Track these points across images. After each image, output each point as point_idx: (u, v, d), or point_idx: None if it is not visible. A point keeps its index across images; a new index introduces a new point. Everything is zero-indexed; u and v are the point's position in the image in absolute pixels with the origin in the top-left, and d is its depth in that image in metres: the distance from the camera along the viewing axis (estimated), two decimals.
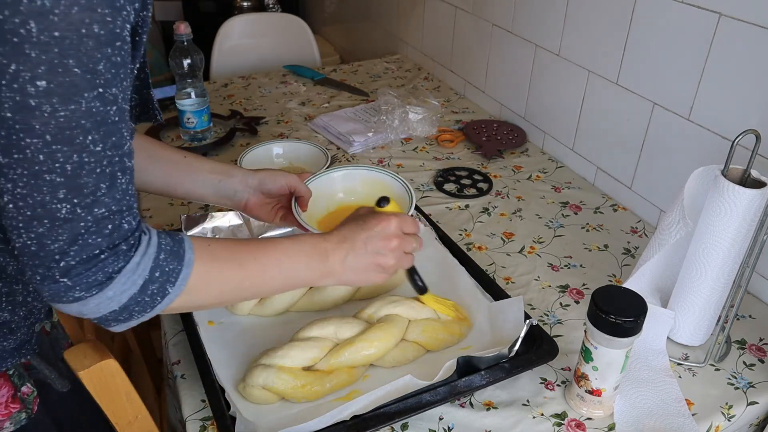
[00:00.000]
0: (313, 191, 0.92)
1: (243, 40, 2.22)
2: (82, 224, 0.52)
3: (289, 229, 1.08)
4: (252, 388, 0.77)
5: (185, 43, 1.32)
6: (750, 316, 0.97)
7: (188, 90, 1.36)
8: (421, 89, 1.73)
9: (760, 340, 0.92)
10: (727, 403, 0.82)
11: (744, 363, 0.88)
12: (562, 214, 1.21)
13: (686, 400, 0.82)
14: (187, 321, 0.87)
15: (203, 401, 0.80)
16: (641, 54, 1.12)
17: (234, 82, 1.81)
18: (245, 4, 2.76)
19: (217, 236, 1.03)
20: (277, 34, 2.25)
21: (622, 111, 1.20)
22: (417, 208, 1.11)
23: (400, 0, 2.02)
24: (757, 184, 0.78)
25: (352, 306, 0.94)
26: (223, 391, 0.77)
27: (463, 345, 0.87)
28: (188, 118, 1.38)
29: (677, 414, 0.79)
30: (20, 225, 0.51)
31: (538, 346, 0.82)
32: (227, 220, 1.04)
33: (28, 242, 0.51)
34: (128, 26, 0.50)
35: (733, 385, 0.85)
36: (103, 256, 0.53)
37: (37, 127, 0.47)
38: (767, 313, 0.97)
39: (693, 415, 0.80)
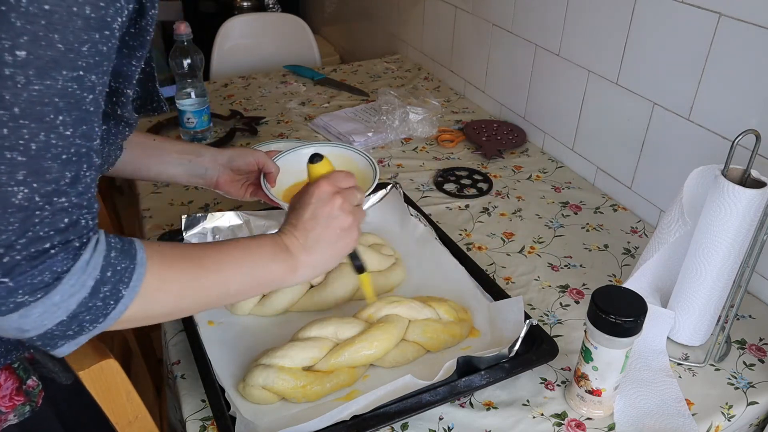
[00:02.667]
0: (281, 167, 0.94)
1: (243, 40, 2.22)
2: (37, 213, 0.47)
3: None
4: (252, 388, 0.77)
5: (185, 43, 1.32)
6: (750, 316, 0.97)
7: (188, 90, 1.36)
8: (421, 89, 1.73)
9: (760, 340, 0.92)
10: (727, 403, 0.82)
11: (744, 363, 0.88)
12: (562, 214, 1.21)
13: (686, 400, 0.82)
14: (187, 321, 0.87)
15: (203, 401, 0.80)
16: (641, 54, 1.12)
17: (234, 82, 1.81)
18: (245, 4, 2.76)
19: (217, 236, 1.03)
20: (277, 34, 2.25)
21: (622, 111, 1.20)
22: (417, 208, 1.11)
23: (400, 0, 2.02)
24: (757, 184, 0.78)
25: (352, 306, 0.94)
26: (223, 391, 0.77)
27: (463, 345, 0.87)
28: (188, 118, 1.38)
29: (677, 414, 0.79)
30: None
31: (538, 346, 0.82)
32: (227, 220, 1.04)
33: None
34: (119, 20, 0.49)
35: (733, 385, 0.85)
36: (53, 252, 0.49)
37: (7, 97, 0.44)
38: (767, 313, 0.97)
39: (693, 415, 0.80)
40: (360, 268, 0.79)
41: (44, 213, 0.48)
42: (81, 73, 0.47)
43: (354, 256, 0.78)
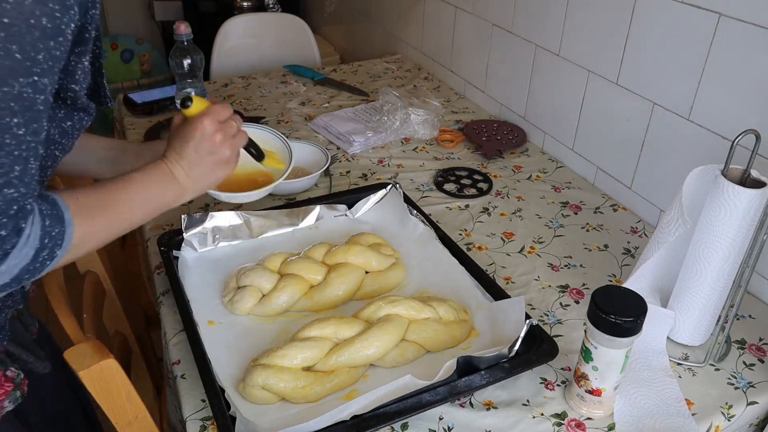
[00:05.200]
0: None
1: (243, 40, 2.22)
2: None
3: (289, 230, 1.08)
4: (252, 388, 0.77)
5: (185, 43, 1.32)
6: (750, 316, 0.97)
7: (188, 90, 1.36)
8: (422, 89, 1.73)
9: (760, 340, 0.92)
10: (726, 403, 0.82)
11: (744, 363, 0.88)
12: (562, 214, 1.21)
13: (686, 400, 0.82)
14: (187, 321, 0.87)
15: (203, 401, 0.80)
16: (641, 54, 1.12)
17: (234, 82, 1.81)
18: (245, 4, 2.75)
19: (216, 236, 1.03)
20: (277, 34, 2.25)
21: (622, 111, 1.20)
22: (417, 208, 1.11)
23: (400, 0, 2.02)
24: (757, 184, 0.78)
25: (352, 306, 0.94)
26: (223, 391, 0.77)
27: (463, 345, 0.87)
28: None
29: (677, 414, 0.79)
30: None
31: (538, 346, 0.82)
32: (227, 219, 1.04)
33: None
34: (73, 25, 0.53)
35: (733, 385, 0.85)
36: (3, 234, 0.54)
37: None
38: (767, 313, 0.97)
39: (693, 414, 0.80)
40: (258, 157, 0.90)
41: None
42: (35, 78, 0.52)
43: (250, 148, 0.88)
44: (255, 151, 0.89)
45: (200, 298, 0.93)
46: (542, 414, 0.80)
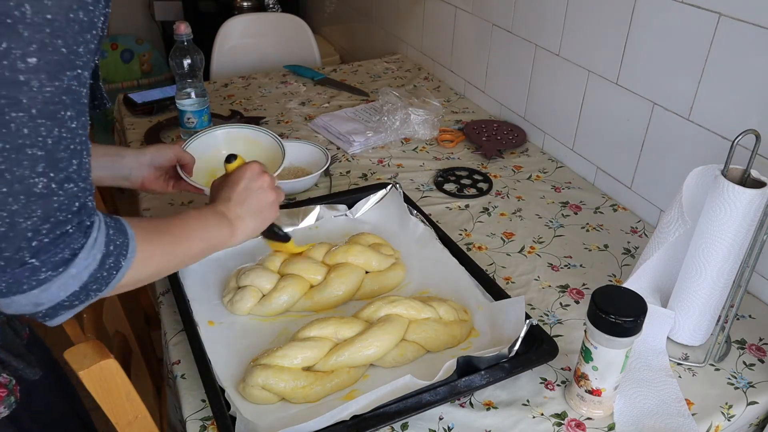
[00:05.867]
0: (195, 155, 0.99)
1: (243, 40, 2.21)
2: (55, 199, 0.53)
3: (289, 230, 1.08)
4: (252, 388, 0.77)
5: (185, 43, 1.31)
6: (750, 316, 0.97)
7: (188, 90, 1.35)
8: (422, 89, 1.73)
9: (760, 340, 0.92)
10: (726, 403, 0.82)
11: (744, 363, 0.88)
12: (562, 214, 1.21)
13: (686, 400, 0.82)
14: (187, 321, 0.87)
15: (203, 401, 0.80)
16: (641, 54, 1.12)
17: (234, 82, 1.81)
18: (245, 4, 2.75)
19: None
20: (277, 34, 2.25)
21: (622, 111, 1.20)
22: (417, 208, 1.11)
23: (400, 0, 2.02)
24: (757, 184, 0.78)
25: (352, 306, 0.94)
26: (223, 391, 0.77)
27: (463, 345, 0.87)
28: (188, 118, 1.38)
29: (677, 414, 0.79)
30: None
31: (538, 346, 0.82)
32: None
33: None
34: (102, 18, 0.54)
35: (732, 384, 0.85)
36: (71, 231, 0.55)
37: (24, 101, 0.49)
38: (767, 313, 0.97)
39: (693, 415, 0.80)
40: (284, 238, 0.93)
41: (60, 199, 0.54)
42: (79, 71, 0.53)
43: (275, 228, 0.91)
44: (281, 232, 0.93)
45: (200, 298, 0.93)
46: (542, 414, 0.80)
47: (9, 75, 0.48)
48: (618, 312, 0.70)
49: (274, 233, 0.91)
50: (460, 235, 1.14)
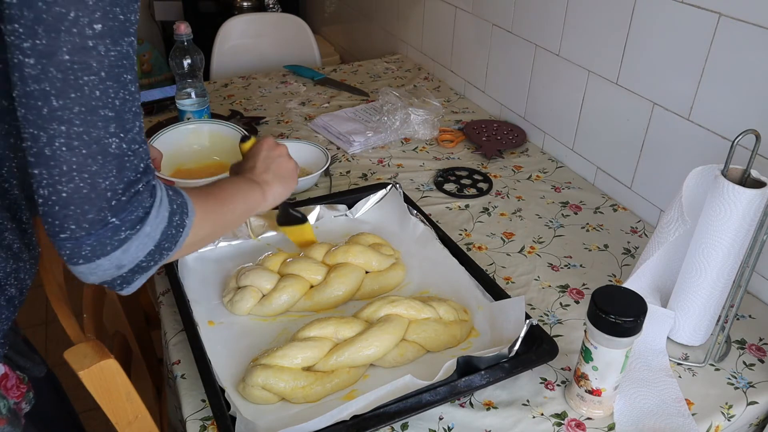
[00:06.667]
0: (164, 150, 1.02)
1: (243, 40, 2.22)
2: (125, 158, 0.56)
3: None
4: (252, 388, 0.77)
5: (185, 43, 1.31)
6: (750, 316, 0.97)
7: (188, 90, 1.35)
8: (422, 89, 1.73)
9: (760, 340, 0.92)
10: (726, 403, 0.82)
11: (744, 363, 0.88)
12: (562, 214, 1.21)
13: (686, 400, 0.82)
14: (187, 321, 0.87)
15: (203, 401, 0.80)
16: (641, 54, 1.12)
17: (234, 82, 1.81)
18: (245, 4, 2.75)
19: None
20: (277, 34, 2.25)
21: (622, 111, 1.20)
22: (417, 208, 1.11)
23: (399, 0, 2.02)
24: (757, 184, 0.78)
25: (352, 306, 0.94)
26: (223, 391, 0.77)
27: (463, 345, 0.87)
28: (188, 118, 1.38)
29: (677, 414, 0.79)
30: (73, 168, 0.53)
31: (538, 346, 0.82)
32: None
33: (81, 185, 0.53)
34: None
35: (732, 385, 0.85)
36: (141, 190, 0.58)
37: (94, 65, 0.52)
38: (767, 313, 0.97)
39: (693, 415, 0.80)
40: (301, 219, 0.97)
41: (131, 158, 0.57)
42: (132, 38, 0.56)
43: (289, 209, 0.96)
44: (299, 214, 0.98)
45: (200, 298, 0.93)
46: (542, 414, 0.80)
47: (79, 41, 0.51)
48: (618, 312, 0.70)
49: (291, 215, 0.94)
50: (460, 235, 1.14)
